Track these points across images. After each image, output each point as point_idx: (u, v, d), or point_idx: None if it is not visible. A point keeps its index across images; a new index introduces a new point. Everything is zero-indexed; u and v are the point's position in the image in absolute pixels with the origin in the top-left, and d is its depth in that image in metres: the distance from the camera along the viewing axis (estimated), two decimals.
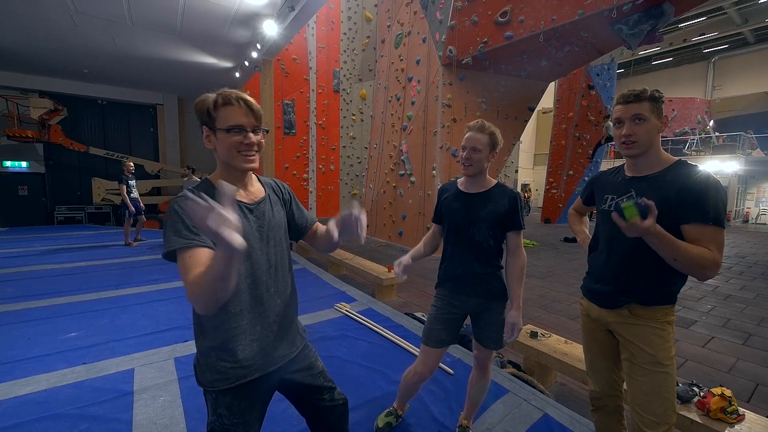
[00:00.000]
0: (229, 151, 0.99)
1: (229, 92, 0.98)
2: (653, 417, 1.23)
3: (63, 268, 5.13)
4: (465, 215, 1.60)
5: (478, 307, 1.64)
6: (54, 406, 2.03)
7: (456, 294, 1.65)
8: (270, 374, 1.07)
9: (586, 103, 12.66)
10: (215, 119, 0.97)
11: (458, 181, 1.71)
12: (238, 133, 0.98)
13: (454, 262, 1.64)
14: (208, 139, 1.01)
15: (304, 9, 6.58)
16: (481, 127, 1.56)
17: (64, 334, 2.96)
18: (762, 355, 3.15)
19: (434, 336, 1.65)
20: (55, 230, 9.41)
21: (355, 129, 14.51)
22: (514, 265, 1.60)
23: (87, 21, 7.02)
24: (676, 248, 1.10)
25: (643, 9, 4.63)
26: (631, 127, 1.24)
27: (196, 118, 1.01)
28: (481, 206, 1.58)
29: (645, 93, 1.24)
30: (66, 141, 10.92)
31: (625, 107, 1.26)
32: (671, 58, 22.32)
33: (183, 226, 0.90)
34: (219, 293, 0.82)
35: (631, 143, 1.26)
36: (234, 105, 0.97)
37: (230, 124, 0.97)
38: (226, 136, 0.97)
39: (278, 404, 1.66)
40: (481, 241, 1.58)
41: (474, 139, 1.55)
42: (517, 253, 1.60)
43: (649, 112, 1.23)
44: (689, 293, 4.91)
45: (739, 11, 17.76)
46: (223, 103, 0.97)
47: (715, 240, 1.14)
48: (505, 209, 1.56)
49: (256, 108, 1.01)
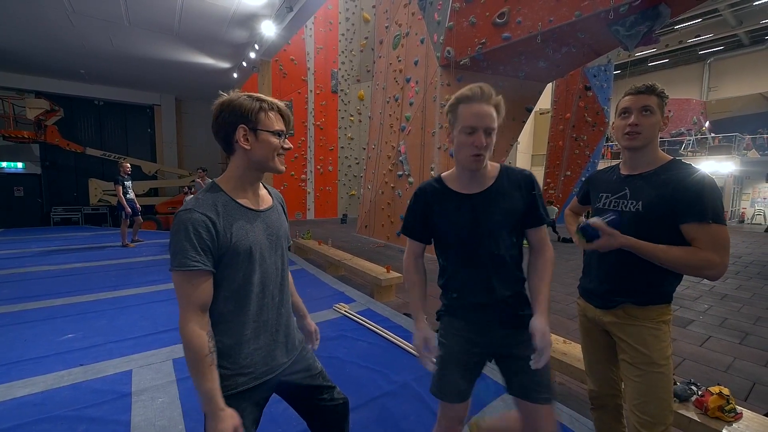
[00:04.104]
0: (270, 152, 1.04)
1: (272, 99, 1.06)
2: (650, 417, 1.23)
3: (60, 269, 5.10)
4: (474, 226, 1.19)
5: (505, 340, 1.22)
6: (52, 407, 2.01)
7: (478, 327, 1.24)
8: (269, 380, 1.08)
9: (583, 104, 12.73)
10: (260, 121, 1.01)
11: (444, 180, 1.28)
12: (280, 137, 1.05)
13: (469, 286, 1.24)
14: (245, 139, 1.01)
15: (303, 10, 6.60)
16: (488, 96, 1.14)
17: (62, 335, 2.95)
18: (759, 353, 3.17)
19: (452, 387, 1.23)
20: (52, 231, 9.35)
21: (353, 130, 14.52)
22: (541, 260, 1.22)
23: (84, 21, 7.00)
24: (655, 254, 1.16)
25: (640, 10, 4.66)
26: (639, 118, 1.25)
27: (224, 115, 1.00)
28: (493, 208, 1.18)
29: (656, 87, 1.26)
30: (62, 142, 10.87)
31: (635, 98, 1.27)
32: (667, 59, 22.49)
33: (190, 245, 0.92)
34: None
35: (635, 134, 1.26)
36: (280, 112, 1.06)
37: (277, 128, 1.04)
38: (272, 137, 1.03)
39: (278, 405, 1.66)
40: (504, 254, 1.19)
41: (485, 114, 1.12)
42: (542, 248, 1.23)
43: (657, 107, 1.25)
44: (686, 293, 4.93)
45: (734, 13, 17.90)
46: (273, 109, 1.04)
47: (717, 237, 1.15)
48: (523, 202, 1.19)
49: (291, 118, 1.11)
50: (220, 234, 0.96)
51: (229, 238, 0.97)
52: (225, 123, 1.00)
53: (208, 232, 0.94)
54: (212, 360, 0.93)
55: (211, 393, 0.91)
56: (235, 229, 0.99)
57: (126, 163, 6.73)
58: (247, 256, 1.00)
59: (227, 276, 0.99)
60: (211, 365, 0.92)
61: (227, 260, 0.98)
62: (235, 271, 0.99)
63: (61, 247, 6.88)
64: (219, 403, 0.91)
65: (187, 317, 0.92)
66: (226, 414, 0.91)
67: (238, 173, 1.05)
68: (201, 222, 0.93)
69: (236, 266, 0.99)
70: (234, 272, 0.99)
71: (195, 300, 0.93)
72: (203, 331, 0.93)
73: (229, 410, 0.92)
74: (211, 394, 0.91)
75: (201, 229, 0.93)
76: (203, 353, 0.91)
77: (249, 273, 1.02)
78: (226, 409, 0.92)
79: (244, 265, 1.00)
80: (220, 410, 0.91)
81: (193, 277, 0.92)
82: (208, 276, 0.95)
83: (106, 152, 11.74)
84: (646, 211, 1.25)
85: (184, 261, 0.91)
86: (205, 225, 0.93)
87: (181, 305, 0.93)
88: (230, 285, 1.00)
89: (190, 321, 0.92)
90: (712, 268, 1.14)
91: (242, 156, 1.03)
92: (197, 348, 0.91)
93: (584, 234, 1.15)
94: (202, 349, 0.91)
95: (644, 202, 1.26)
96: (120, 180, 6.48)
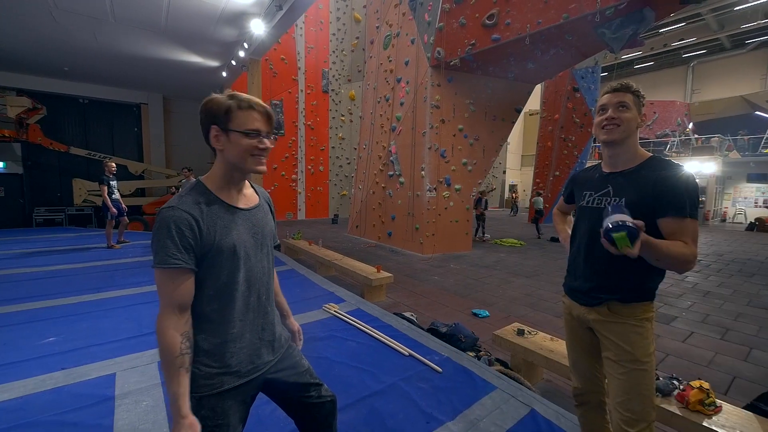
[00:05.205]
0: (242, 153, 0.99)
1: (249, 97, 1.00)
2: (633, 414, 1.26)
3: (42, 271, 4.97)
4: None
5: None
6: (31, 413, 1.95)
7: None
8: (255, 378, 1.07)
9: (571, 105, 12.92)
10: (231, 120, 0.98)
11: None
12: (255, 137, 1.00)
13: None
14: (217, 139, 1.00)
15: (292, 8, 6.55)
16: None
17: (43, 339, 2.86)
18: (739, 349, 3.25)
19: None
20: (34, 233, 9.10)
21: (344, 130, 14.49)
22: None
23: (67, 17, 6.84)
24: (661, 251, 1.14)
25: (625, 14, 4.76)
26: (616, 112, 1.29)
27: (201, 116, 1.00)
28: None
29: (631, 85, 1.31)
30: (45, 141, 10.59)
31: (612, 95, 1.31)
32: (652, 62, 23.01)
33: (172, 242, 0.90)
34: None
35: (614, 125, 1.29)
36: (255, 110, 1.00)
37: (249, 128, 0.99)
38: (243, 138, 0.98)
39: (266, 406, 1.65)
40: None
41: None
42: None
43: (633, 103, 1.29)
44: (670, 290, 5.04)
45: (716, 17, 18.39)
46: (245, 107, 0.99)
47: (692, 232, 1.19)
48: None
49: (273, 115, 1.05)
50: (203, 232, 0.95)
51: (213, 236, 0.96)
52: (202, 124, 1.01)
53: (191, 230, 0.93)
54: (182, 362, 0.91)
55: (176, 396, 0.89)
56: (218, 227, 0.98)
57: (111, 162, 6.59)
58: (231, 254, 0.99)
59: (211, 274, 0.98)
60: (180, 368, 0.90)
61: (211, 258, 0.97)
62: (219, 270, 0.98)
63: (44, 248, 6.69)
64: (181, 409, 0.89)
65: (165, 315, 0.92)
66: (185, 422, 0.88)
67: (221, 172, 1.04)
68: (183, 219, 0.92)
69: (220, 265, 0.98)
70: (218, 270, 0.98)
71: (174, 298, 0.92)
72: (176, 332, 0.91)
73: (190, 418, 0.90)
74: (176, 397, 0.89)
75: (183, 227, 0.92)
76: (173, 354, 0.89)
77: (233, 271, 1.00)
78: (189, 416, 0.90)
79: (228, 263, 0.99)
80: (181, 417, 0.88)
81: (174, 275, 0.91)
82: (190, 274, 0.94)
83: (91, 151, 11.46)
84: (630, 207, 1.26)
85: (166, 258, 0.90)
86: (188, 222, 0.92)
87: (160, 303, 0.93)
88: (215, 283, 0.99)
89: (165, 320, 0.91)
90: (695, 261, 1.18)
91: (220, 156, 1.02)
92: (168, 348, 0.89)
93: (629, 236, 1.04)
94: (173, 350, 0.90)
95: (627, 198, 1.28)
96: (105, 180, 6.35)
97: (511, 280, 5.55)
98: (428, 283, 5.25)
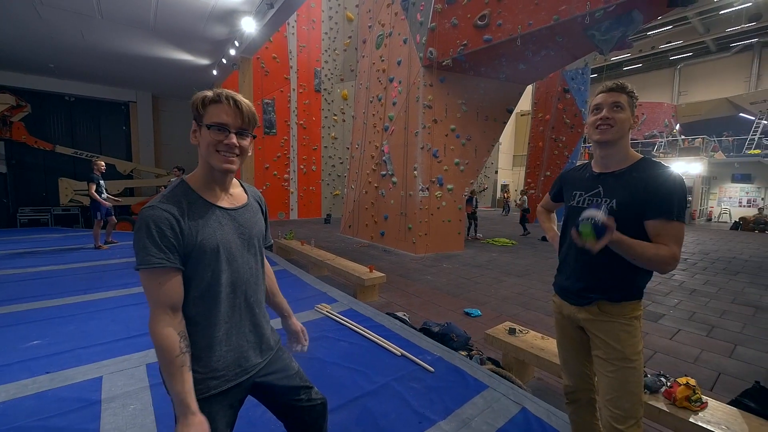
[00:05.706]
0: (207, 148, 0.97)
1: (222, 90, 0.98)
2: (622, 412, 1.27)
3: (26, 272, 4.85)
4: None
5: None
6: (14, 418, 1.90)
7: None
8: (242, 382, 1.05)
9: (561, 106, 13.07)
10: (203, 115, 0.96)
11: None
12: (219, 132, 0.96)
13: None
14: (194, 135, 0.99)
15: (284, 7, 6.50)
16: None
17: (27, 342, 2.79)
18: (724, 345, 3.32)
19: None
20: (18, 233, 8.88)
21: (336, 129, 14.44)
22: None
23: (53, 13, 6.68)
24: (635, 251, 1.18)
25: (615, 16, 4.83)
26: (610, 112, 1.29)
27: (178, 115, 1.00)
28: None
29: (626, 86, 1.31)
30: (30, 139, 10.36)
31: (607, 95, 1.31)
32: (641, 64, 23.41)
33: (152, 242, 0.89)
34: None
35: (608, 126, 1.29)
36: (222, 103, 0.96)
37: (213, 121, 0.95)
38: (208, 132, 0.96)
39: (256, 409, 1.63)
40: None
41: None
42: None
43: (627, 104, 1.30)
44: (657, 288, 5.13)
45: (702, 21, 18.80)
46: (212, 101, 0.96)
47: (678, 234, 1.20)
48: None
49: (247, 111, 0.99)
50: (184, 231, 0.93)
51: (195, 236, 0.94)
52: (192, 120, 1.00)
53: (172, 230, 0.91)
54: (183, 361, 0.89)
55: (182, 395, 0.87)
56: (201, 226, 0.96)
57: (100, 161, 6.47)
58: (214, 254, 0.97)
59: (195, 275, 0.96)
60: (182, 366, 0.89)
61: (194, 259, 0.95)
62: (202, 271, 0.96)
63: (29, 249, 6.54)
64: (190, 406, 0.87)
65: (156, 317, 0.90)
66: (195, 419, 0.87)
67: (202, 171, 1.02)
68: (164, 219, 0.90)
69: (203, 265, 0.96)
70: (202, 271, 0.96)
71: (163, 299, 0.90)
72: (174, 331, 0.90)
73: (199, 416, 0.89)
74: (182, 396, 0.87)
75: (164, 226, 0.90)
76: (173, 354, 0.88)
77: (217, 272, 0.98)
78: (198, 414, 0.88)
79: (212, 264, 0.97)
80: (191, 414, 0.87)
81: (158, 275, 0.89)
82: (176, 273, 0.92)
83: (78, 150, 11.24)
84: (620, 208, 1.28)
85: (148, 259, 0.88)
86: (168, 222, 0.90)
87: (150, 305, 0.91)
88: (198, 285, 0.97)
89: (159, 321, 0.89)
90: (674, 263, 1.18)
91: (200, 153, 1.01)
92: (166, 348, 0.88)
93: (595, 230, 1.08)
94: (172, 349, 0.88)
95: (618, 200, 1.29)
96: (94, 178, 6.24)
97: (502, 279, 5.59)
98: (421, 283, 5.26)
